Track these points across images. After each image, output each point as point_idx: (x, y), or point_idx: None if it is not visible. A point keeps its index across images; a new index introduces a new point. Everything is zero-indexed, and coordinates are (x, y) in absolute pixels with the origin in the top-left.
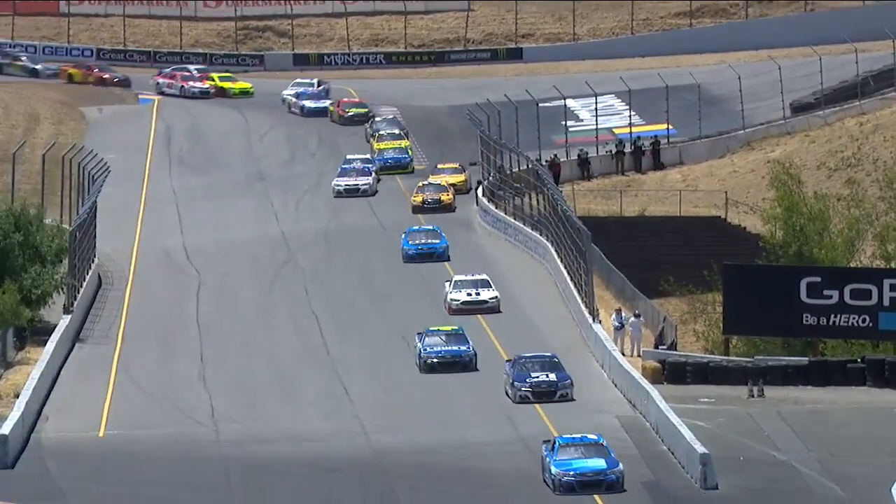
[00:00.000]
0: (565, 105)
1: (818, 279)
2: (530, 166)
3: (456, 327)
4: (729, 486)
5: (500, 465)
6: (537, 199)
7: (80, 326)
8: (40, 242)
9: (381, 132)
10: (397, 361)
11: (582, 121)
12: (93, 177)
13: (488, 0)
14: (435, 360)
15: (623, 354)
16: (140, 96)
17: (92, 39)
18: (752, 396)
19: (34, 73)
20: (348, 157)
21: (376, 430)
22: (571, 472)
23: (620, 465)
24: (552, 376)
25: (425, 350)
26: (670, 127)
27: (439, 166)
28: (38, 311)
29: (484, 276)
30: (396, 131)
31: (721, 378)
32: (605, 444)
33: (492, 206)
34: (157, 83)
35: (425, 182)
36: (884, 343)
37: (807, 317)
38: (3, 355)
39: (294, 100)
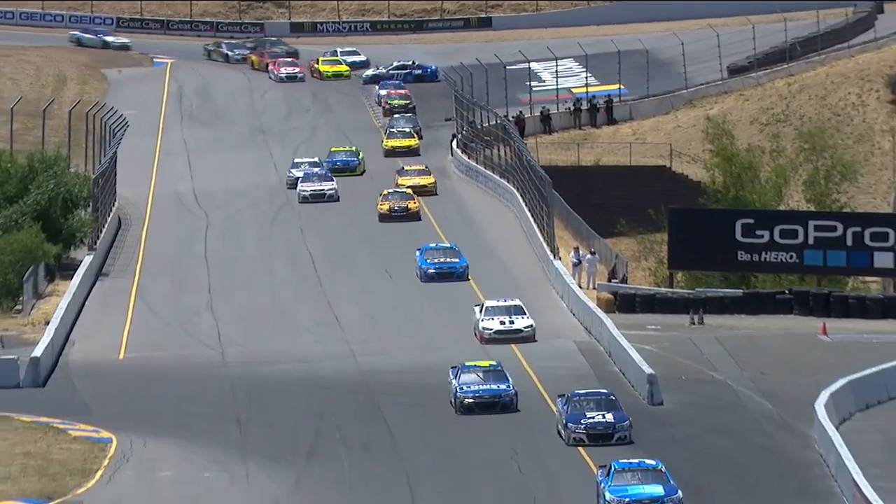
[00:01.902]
0: (529, 68)
1: (751, 221)
2: (499, 122)
3: (494, 363)
4: (672, 402)
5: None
6: (505, 151)
7: (102, 262)
8: (70, 190)
9: (394, 129)
10: (381, 292)
11: (544, 82)
12: (113, 130)
13: None
14: (472, 401)
15: (580, 287)
16: (155, 59)
17: (112, 9)
18: (693, 324)
19: (226, 59)
20: (296, 159)
21: (363, 353)
22: (627, 500)
23: (679, 493)
24: (609, 417)
25: (461, 389)
26: (622, 87)
27: (406, 168)
28: (70, 250)
29: (517, 302)
30: (408, 129)
31: (666, 308)
32: (663, 469)
33: (465, 157)
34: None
35: (390, 190)
36: (808, 276)
37: (741, 254)
38: (35, 288)
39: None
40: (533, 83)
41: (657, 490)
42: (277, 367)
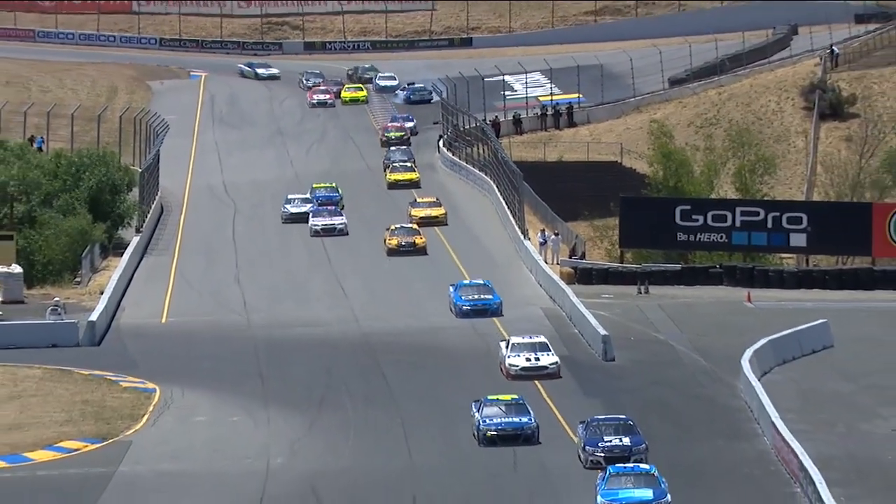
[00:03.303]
0: (503, 80)
1: (688, 207)
2: (478, 124)
3: (516, 396)
4: (623, 359)
5: (457, 343)
6: (483, 149)
7: (147, 242)
8: (118, 179)
9: (396, 163)
10: (380, 269)
11: (516, 91)
12: (156, 132)
13: (447, 1)
14: (495, 433)
15: (546, 263)
16: (191, 73)
17: (156, 31)
18: (640, 293)
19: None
20: (288, 195)
21: (365, 318)
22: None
23: (668, 496)
24: (626, 440)
25: (484, 422)
26: (580, 96)
27: (418, 200)
28: (118, 231)
29: (542, 339)
30: (409, 164)
31: (618, 280)
32: (655, 473)
33: (450, 154)
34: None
35: (397, 225)
36: (735, 253)
37: (680, 235)
38: (91, 263)
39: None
40: (506, 92)
41: (646, 494)
42: (293, 330)
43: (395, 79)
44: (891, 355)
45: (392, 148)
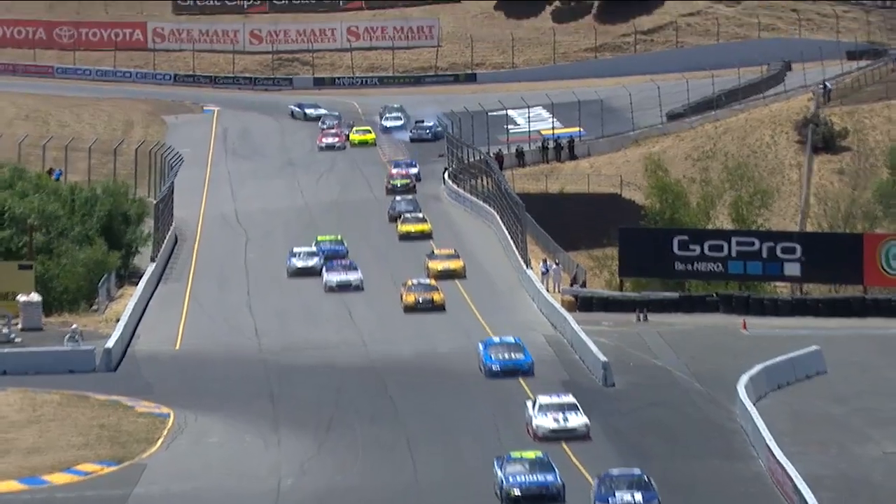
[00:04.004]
0: (507, 114)
1: (686, 237)
2: (481, 157)
3: (540, 454)
4: (622, 383)
5: (458, 367)
6: (487, 181)
7: (162, 270)
8: (128, 209)
9: (406, 214)
10: (389, 295)
11: (518, 125)
12: (171, 164)
13: (452, 39)
14: (519, 493)
15: (548, 291)
16: (204, 108)
17: (170, 67)
18: (639, 321)
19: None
20: (294, 249)
21: (372, 342)
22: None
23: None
24: (638, 496)
25: (507, 480)
26: (581, 129)
27: (435, 252)
28: (131, 259)
29: (571, 399)
30: (420, 215)
31: (617, 308)
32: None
33: (454, 186)
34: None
35: (414, 281)
36: (731, 282)
37: (678, 264)
38: (108, 291)
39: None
40: (509, 126)
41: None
42: (303, 353)
43: (402, 118)
44: (881, 380)
45: (398, 197)
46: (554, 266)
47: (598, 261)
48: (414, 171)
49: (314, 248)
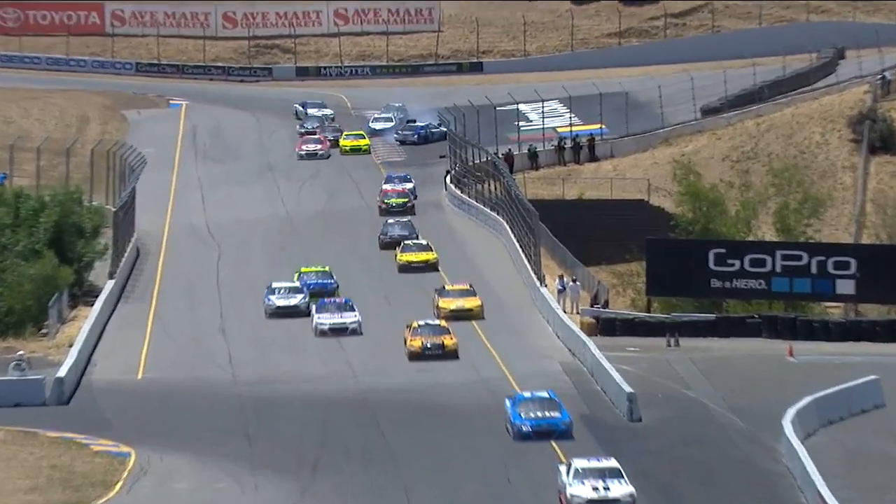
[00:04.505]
0: (517, 109)
1: (723, 250)
2: (489, 158)
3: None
4: (650, 418)
5: (463, 401)
6: (495, 186)
7: (122, 288)
8: (82, 218)
9: (408, 241)
10: (381, 317)
11: (531, 121)
12: (132, 167)
13: (455, 23)
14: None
15: (564, 312)
16: (170, 101)
17: (131, 55)
18: (670, 346)
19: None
20: (273, 284)
21: (363, 373)
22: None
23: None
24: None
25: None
26: (603, 126)
27: (447, 288)
28: (85, 276)
29: (613, 464)
30: (424, 241)
31: (644, 331)
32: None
33: (458, 191)
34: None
35: (421, 322)
36: (776, 302)
37: (714, 281)
38: (59, 313)
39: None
40: (521, 123)
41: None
42: (284, 385)
43: (393, 120)
44: None
45: (390, 220)
46: (571, 283)
47: (622, 277)
48: (409, 186)
49: (297, 283)
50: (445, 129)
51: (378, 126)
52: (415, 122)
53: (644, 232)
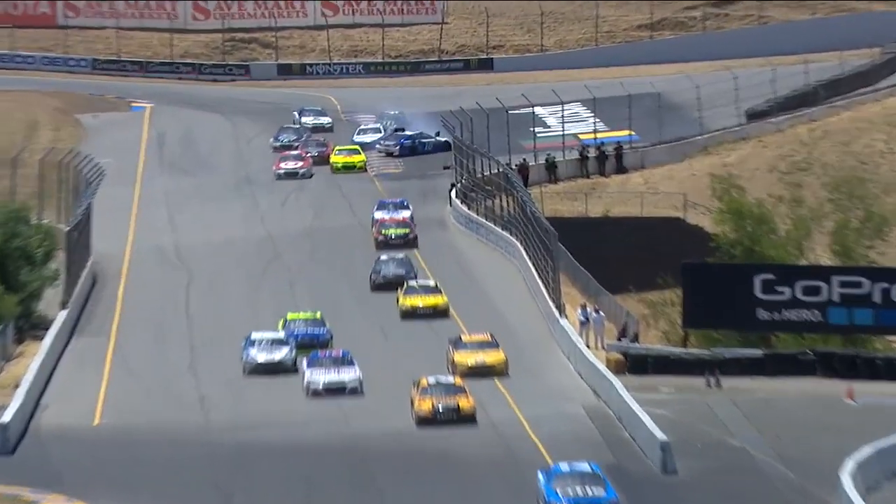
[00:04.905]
0: (533, 112)
1: (771, 276)
2: (500, 170)
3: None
4: (687, 471)
5: (471, 449)
6: (507, 201)
7: (76, 320)
8: (29, 244)
9: (412, 283)
10: (376, 352)
11: (549, 127)
12: (88, 180)
13: (461, 13)
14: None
15: (588, 347)
16: (132, 104)
17: (88, 50)
18: (709, 386)
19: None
20: (253, 335)
21: (355, 416)
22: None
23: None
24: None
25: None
26: (632, 133)
27: (463, 338)
28: (33, 306)
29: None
30: (431, 283)
31: (680, 369)
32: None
33: (464, 208)
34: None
35: (432, 380)
36: (833, 336)
37: (760, 312)
38: (3, 349)
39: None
40: (537, 129)
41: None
42: (264, 431)
43: (382, 130)
44: None
45: (383, 257)
46: (595, 314)
47: (654, 307)
48: (407, 213)
49: (282, 334)
50: (444, 139)
51: (364, 139)
52: (403, 130)
53: (679, 255)
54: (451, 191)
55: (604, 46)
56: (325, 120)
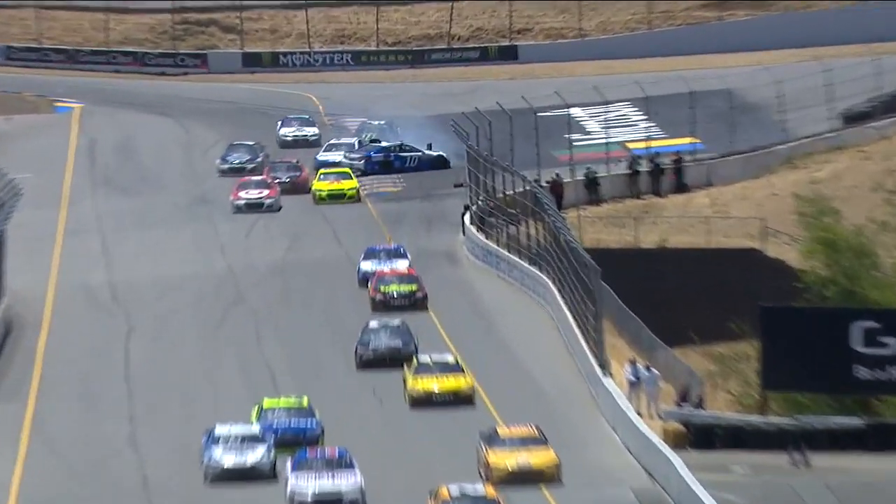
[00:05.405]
0: (569, 114)
1: (874, 324)
2: (527, 188)
3: None
4: None
5: None
6: (536, 228)
7: None
8: None
9: (427, 361)
10: (366, 418)
11: (589, 133)
12: (1, 201)
13: None
14: None
15: (639, 414)
16: (56, 104)
17: (0, 36)
18: (795, 465)
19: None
20: (217, 429)
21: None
22: None
23: None
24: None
25: None
26: (696, 141)
27: (501, 433)
28: None
29: None
30: (450, 360)
31: (758, 443)
32: None
33: (481, 237)
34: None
35: (455, 490)
36: None
37: (860, 369)
38: None
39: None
40: (574, 135)
41: None
42: None
43: (359, 145)
44: None
45: (373, 324)
46: (648, 372)
47: (723, 363)
48: (405, 263)
49: (256, 427)
50: (436, 154)
51: (329, 157)
52: (379, 142)
53: (756, 297)
54: (463, 215)
55: (659, 30)
56: (311, 131)
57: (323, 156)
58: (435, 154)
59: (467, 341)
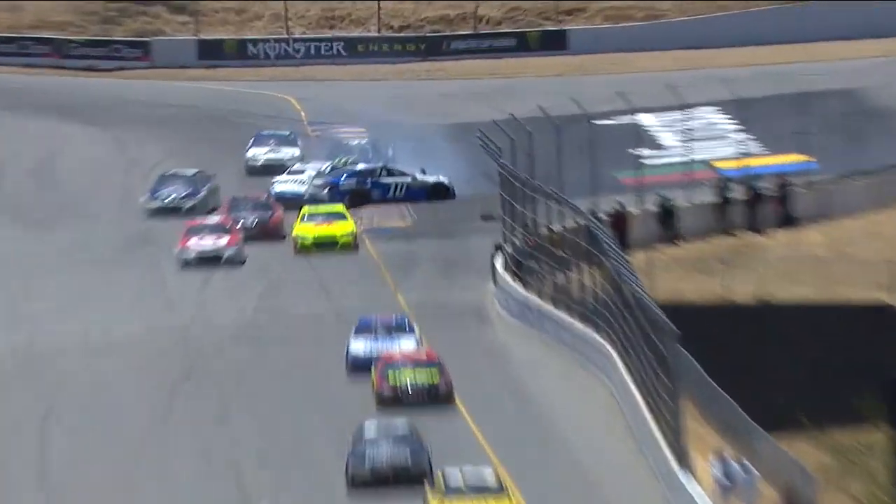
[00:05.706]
0: (635, 123)
1: None
2: (580, 222)
3: None
4: None
5: None
6: (592, 275)
7: None
8: None
9: (458, 480)
10: None
11: (664, 148)
12: None
13: None
14: None
15: None
16: None
17: None
18: None
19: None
20: None
21: None
22: None
23: None
24: None
25: None
26: (807, 159)
27: None
28: None
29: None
30: (489, 475)
31: None
32: None
33: (518, 286)
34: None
35: None
36: None
37: None
38: None
39: None
40: (643, 150)
41: None
42: None
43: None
44: None
45: (370, 428)
46: (742, 471)
47: (843, 455)
48: (411, 342)
49: None
50: (431, 180)
51: (285, 189)
52: (353, 163)
53: (886, 366)
54: (494, 258)
55: (754, 11)
56: (289, 153)
57: (281, 186)
58: (431, 180)
59: (507, 441)
